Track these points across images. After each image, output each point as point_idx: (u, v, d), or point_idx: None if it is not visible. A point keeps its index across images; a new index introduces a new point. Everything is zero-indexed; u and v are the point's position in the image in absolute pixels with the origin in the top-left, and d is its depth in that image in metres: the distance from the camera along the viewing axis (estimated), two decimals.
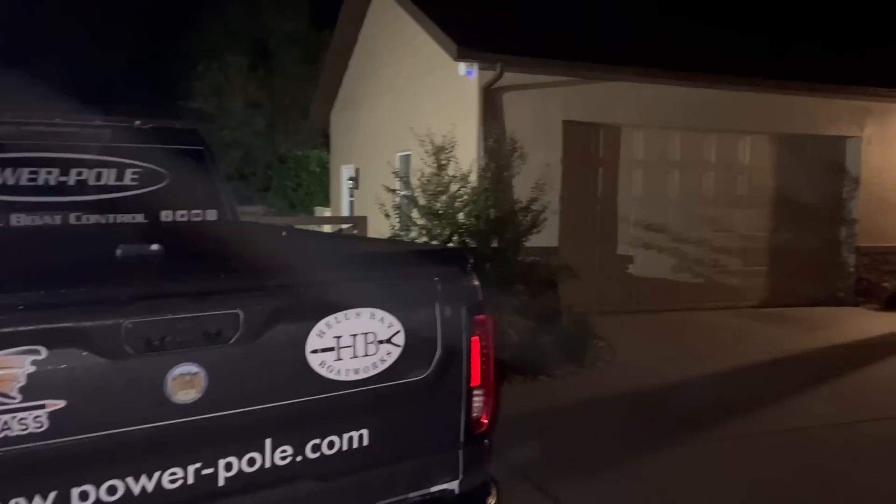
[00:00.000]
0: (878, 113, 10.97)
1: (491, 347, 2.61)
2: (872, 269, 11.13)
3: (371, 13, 12.87)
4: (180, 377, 2.03)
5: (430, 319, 2.41)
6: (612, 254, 10.18)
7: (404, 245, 3.75)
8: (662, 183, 10.32)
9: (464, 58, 8.67)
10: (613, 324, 8.44)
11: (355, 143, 13.90)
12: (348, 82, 14.44)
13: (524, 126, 8.91)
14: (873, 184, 11.04)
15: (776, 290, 10.84)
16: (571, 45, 9.56)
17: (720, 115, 10.13)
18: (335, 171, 15.53)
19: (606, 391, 6.40)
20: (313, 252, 2.93)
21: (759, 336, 8.79)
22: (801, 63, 10.91)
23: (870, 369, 7.31)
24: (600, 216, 10.11)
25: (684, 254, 10.43)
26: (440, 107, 9.86)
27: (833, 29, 13.63)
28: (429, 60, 10.03)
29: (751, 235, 10.78)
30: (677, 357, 7.66)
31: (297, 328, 2.19)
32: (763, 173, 10.80)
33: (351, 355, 2.28)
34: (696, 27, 12.05)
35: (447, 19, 9.31)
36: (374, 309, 2.30)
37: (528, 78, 9.05)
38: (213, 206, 4.31)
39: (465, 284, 2.53)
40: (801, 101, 10.48)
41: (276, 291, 2.17)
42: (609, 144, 10.06)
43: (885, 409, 5.93)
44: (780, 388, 6.51)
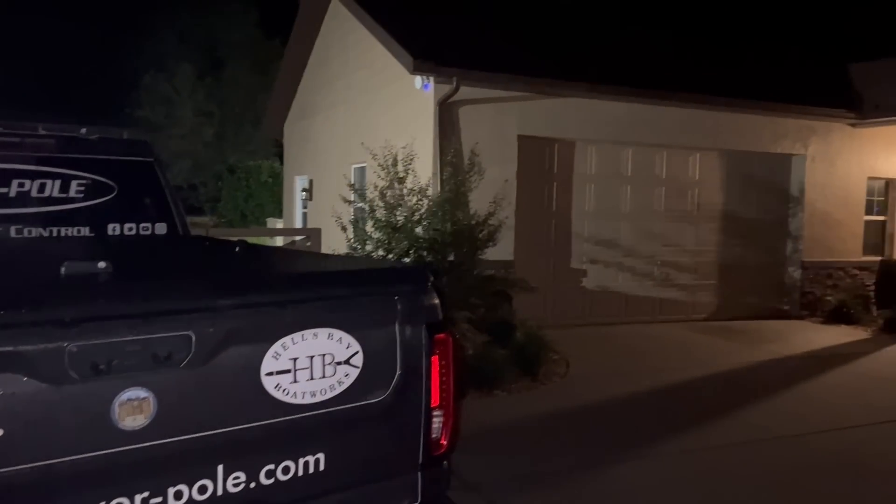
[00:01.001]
0: (821, 131, 11.35)
1: (451, 367, 2.56)
2: (816, 283, 11.48)
3: (327, 23, 12.79)
4: (128, 402, 1.94)
5: (389, 339, 2.36)
6: (566, 267, 10.27)
7: (363, 262, 3.69)
8: (615, 198, 10.47)
9: (420, 71, 8.66)
10: (567, 337, 8.50)
11: (309, 153, 13.76)
12: (303, 92, 14.31)
13: (480, 140, 8.94)
14: (817, 200, 11.40)
15: (725, 304, 11.09)
16: (527, 61, 9.65)
17: (671, 131, 10.35)
18: (288, 182, 15.34)
19: (561, 406, 6.41)
20: (269, 269, 2.86)
21: (708, 349, 8.95)
22: (748, 82, 11.24)
23: (814, 382, 7.50)
24: (555, 230, 10.19)
25: (636, 267, 10.58)
26: (396, 119, 9.84)
27: (779, 52, 14.10)
28: (385, 73, 10.00)
29: (700, 250, 11.01)
30: (630, 370, 7.74)
31: (252, 350, 2.12)
32: (712, 189, 11.06)
33: (308, 377, 2.21)
34: (649, 46, 12.32)
35: (404, 32, 9.30)
36: (333, 329, 2.24)
37: (484, 92, 9.09)
38: (163, 219, 4.19)
39: (426, 302, 2.49)
40: (748, 119, 10.79)
41: (230, 312, 2.09)
42: (563, 159, 10.17)
43: (830, 421, 6.08)
44: (729, 400, 6.62)
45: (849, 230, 11.70)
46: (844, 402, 6.68)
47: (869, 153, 11.72)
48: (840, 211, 11.59)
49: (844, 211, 11.64)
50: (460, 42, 9.93)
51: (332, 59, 12.54)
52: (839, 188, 11.57)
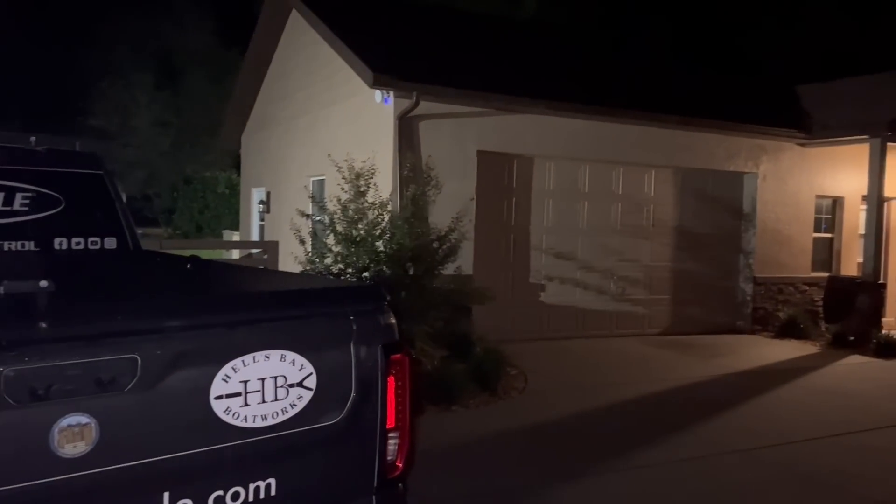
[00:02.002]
0: (772, 150, 11.65)
1: (407, 387, 2.53)
2: (768, 298, 11.74)
3: (286, 35, 12.70)
4: (68, 429, 1.86)
5: (344, 360, 2.32)
6: (524, 282, 10.31)
7: (318, 281, 3.63)
8: (572, 213, 10.58)
9: (380, 85, 8.64)
10: (526, 351, 8.53)
11: (267, 165, 13.60)
12: (261, 104, 14.16)
13: (440, 155, 8.95)
14: (768, 217, 11.69)
15: (679, 318, 11.26)
16: (487, 77, 9.71)
17: (627, 148, 10.51)
18: (245, 193, 15.13)
19: (519, 421, 6.41)
20: (220, 289, 2.79)
21: (663, 364, 9.06)
22: (703, 102, 11.51)
23: (766, 396, 7.65)
24: (514, 245, 10.24)
25: (593, 282, 10.69)
26: (356, 133, 9.79)
27: (732, 73, 14.49)
28: (345, 86, 9.95)
29: (655, 265, 11.18)
30: (586, 385, 7.79)
31: (201, 373, 2.06)
32: (667, 205, 11.25)
33: (259, 401, 2.16)
34: (607, 66, 12.55)
35: (364, 46, 9.28)
36: (285, 351, 2.19)
37: (444, 107, 9.11)
38: (113, 233, 4.08)
39: (382, 323, 2.46)
40: (702, 138, 11.02)
41: (178, 334, 2.03)
42: (522, 175, 10.24)
43: (781, 435, 6.19)
44: (683, 415, 6.70)
45: (798, 247, 12.01)
46: (794, 416, 6.82)
47: (817, 172, 12.07)
48: (790, 228, 11.90)
49: (794, 228, 11.95)
50: (421, 57, 9.96)
51: (291, 70, 12.45)
52: (789, 206, 11.88)
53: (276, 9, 12.33)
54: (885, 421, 6.72)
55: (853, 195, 12.29)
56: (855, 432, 6.36)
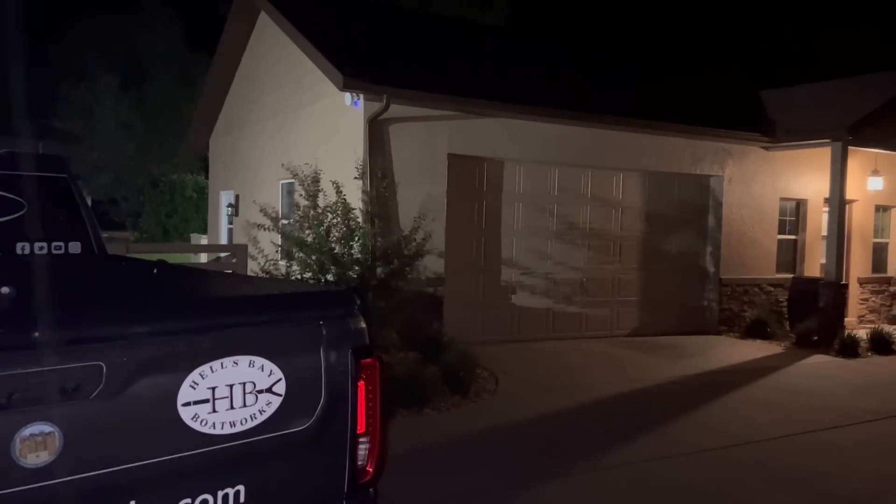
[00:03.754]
0: (737, 154, 11.86)
1: (378, 392, 2.53)
2: (734, 299, 11.94)
3: (255, 37, 12.59)
4: (31, 438, 1.83)
5: (314, 366, 2.31)
6: (495, 284, 10.35)
7: (288, 285, 3.60)
8: (542, 216, 10.64)
9: (350, 88, 8.61)
10: (497, 353, 8.56)
11: (236, 168, 13.47)
12: (229, 106, 14.02)
13: (411, 158, 8.95)
14: (733, 219, 11.89)
15: (647, 320, 11.39)
16: (458, 81, 9.74)
17: (596, 152, 10.61)
18: (213, 196, 14.96)
19: (490, 423, 6.43)
20: (187, 293, 2.75)
21: (632, 364, 9.16)
22: (669, 107, 11.66)
23: (733, 395, 7.77)
24: (484, 247, 10.27)
25: (563, 284, 10.76)
26: (325, 135, 9.74)
27: (698, 78, 14.72)
28: (314, 89, 9.90)
29: (624, 267, 11.30)
30: (556, 386, 7.84)
31: (168, 380, 2.03)
32: (635, 208, 11.38)
33: (227, 407, 2.13)
34: (575, 70, 12.66)
35: (334, 49, 9.24)
36: (254, 356, 2.18)
37: (414, 111, 9.11)
38: (77, 237, 4.01)
39: (353, 326, 2.45)
40: (669, 142, 11.17)
41: (144, 340, 2.00)
42: (493, 178, 10.28)
43: (748, 434, 6.30)
44: (652, 415, 6.78)
45: (763, 248, 12.23)
46: (760, 415, 6.94)
47: (781, 175, 12.31)
48: (755, 230, 12.12)
49: (759, 230, 12.17)
50: (391, 60, 9.95)
51: (260, 73, 12.35)
52: (754, 208, 12.09)
53: (244, 11, 12.22)
54: (848, 419, 6.87)
55: (816, 198, 12.55)
56: (818, 430, 6.49)
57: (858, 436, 6.44)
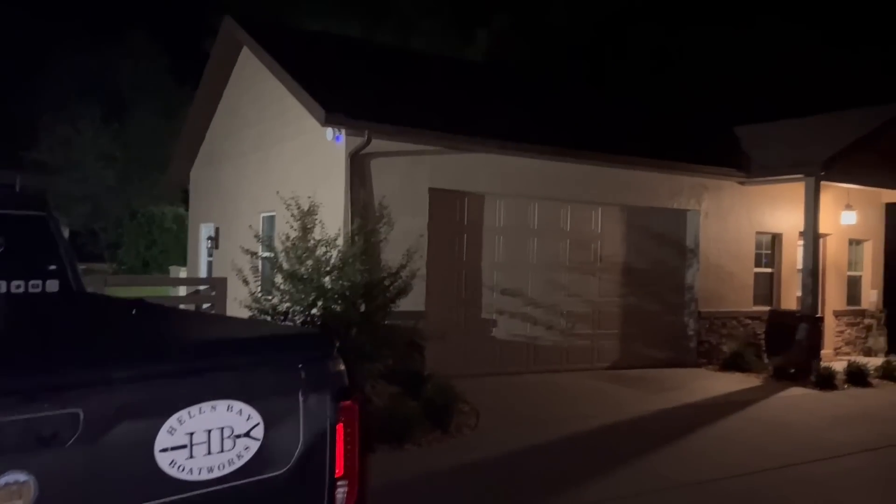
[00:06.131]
0: (713, 189, 12.05)
1: (357, 434, 2.53)
2: (712, 332, 12.04)
3: (237, 71, 12.68)
4: (5, 487, 1.81)
5: (292, 410, 2.31)
6: (476, 318, 10.37)
7: (267, 327, 3.60)
8: (523, 249, 10.72)
9: (331, 123, 8.69)
10: (478, 387, 8.54)
11: (216, 201, 13.45)
12: (211, 139, 14.05)
13: (392, 192, 9.01)
14: (710, 253, 12.04)
15: (627, 353, 11.44)
16: (438, 116, 9.86)
17: (575, 187, 10.75)
18: (193, 229, 14.90)
19: (471, 459, 6.40)
20: (167, 337, 2.75)
21: (612, 398, 9.18)
22: (647, 142, 11.87)
23: (712, 429, 7.80)
24: (465, 281, 10.31)
25: (543, 317, 10.80)
26: (307, 170, 9.79)
27: (674, 114, 15.01)
28: (296, 123, 9.97)
29: (603, 300, 11.37)
30: (538, 420, 7.83)
31: (146, 425, 2.03)
32: (614, 242, 11.49)
33: (205, 452, 2.13)
34: (555, 105, 12.87)
35: (315, 84, 9.34)
36: (232, 401, 2.18)
37: (395, 145, 9.20)
38: (56, 276, 3.98)
39: (332, 369, 2.45)
40: (646, 177, 11.34)
41: (123, 386, 2.00)
42: (473, 212, 10.36)
43: (728, 467, 6.32)
44: (633, 449, 6.79)
45: (740, 282, 12.38)
46: (739, 449, 6.97)
47: (757, 209, 12.51)
48: (732, 263, 12.27)
49: (736, 263, 12.33)
50: (373, 95, 10.06)
51: (242, 107, 12.41)
52: (731, 242, 12.26)
53: (227, 45, 12.33)
54: (826, 453, 6.92)
55: (791, 231, 12.76)
56: (798, 464, 6.53)
57: (837, 469, 6.48)
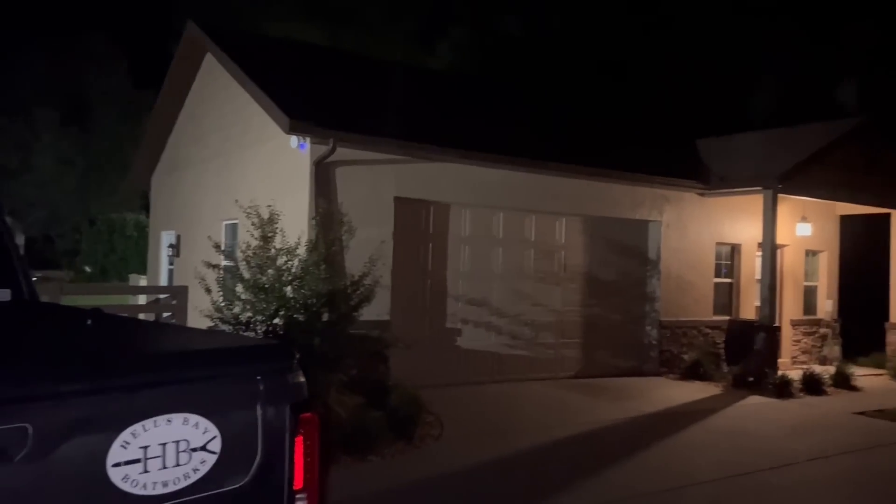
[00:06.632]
0: (674, 200, 12.26)
1: (317, 447, 2.50)
2: (673, 341, 12.21)
3: (201, 77, 12.53)
4: None
5: (250, 422, 2.28)
6: (441, 327, 10.36)
7: (225, 339, 3.55)
8: (488, 259, 10.76)
9: (296, 131, 8.63)
10: (443, 397, 8.52)
11: (178, 208, 13.25)
12: (173, 145, 13.85)
13: (357, 201, 8.97)
14: (672, 263, 12.23)
15: (590, 362, 11.54)
16: (403, 125, 9.86)
17: (539, 197, 10.83)
18: (154, 236, 14.65)
19: (435, 470, 6.38)
20: (122, 348, 2.68)
21: (575, 407, 9.24)
22: (609, 154, 12.02)
23: (673, 438, 7.89)
24: (430, 290, 10.30)
25: (508, 327, 10.84)
26: (270, 177, 9.70)
27: (636, 126, 15.23)
28: (260, 130, 9.88)
29: (567, 310, 11.46)
30: (502, 431, 7.84)
31: (98, 440, 1.98)
32: (577, 252, 11.61)
33: (159, 466, 2.08)
34: (519, 116, 12.97)
35: (280, 91, 9.27)
36: (188, 414, 2.14)
37: (360, 154, 9.17)
38: (7, 284, 3.87)
39: (291, 382, 2.43)
40: (609, 188, 11.49)
41: (74, 399, 1.95)
42: (439, 221, 10.37)
43: (688, 477, 6.40)
44: (595, 459, 6.84)
45: (700, 291, 12.59)
46: (699, 458, 7.07)
47: (716, 221, 12.75)
48: (692, 273, 12.48)
49: (696, 273, 12.53)
50: (338, 103, 10.03)
51: (205, 113, 12.26)
52: (691, 252, 12.47)
53: (190, 51, 12.18)
54: (783, 461, 7.05)
55: (750, 242, 13.02)
56: (755, 472, 6.63)
57: (793, 477, 6.61)
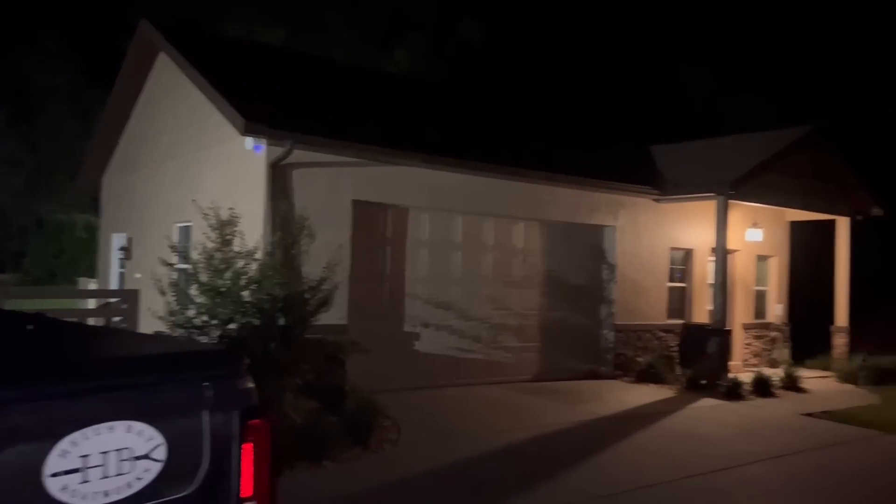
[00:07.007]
0: (629, 205, 12.43)
1: (267, 453, 2.46)
2: (628, 344, 12.38)
3: (154, 76, 12.28)
4: None
5: (196, 429, 2.22)
6: (399, 331, 10.32)
7: (172, 344, 3.46)
8: (446, 263, 10.76)
9: (251, 133, 8.50)
10: (401, 401, 8.48)
11: (130, 209, 12.95)
12: (125, 145, 13.54)
13: (314, 204, 8.88)
14: (626, 267, 12.40)
15: (547, 365, 11.63)
16: (362, 128, 9.81)
17: (498, 202, 10.88)
18: (105, 239, 14.29)
19: (390, 475, 6.34)
20: (59, 355, 2.59)
21: (532, 410, 9.29)
22: (566, 159, 12.15)
23: (627, 441, 7.99)
24: (389, 294, 10.25)
25: (466, 331, 10.86)
26: (225, 179, 9.55)
27: (593, 133, 15.42)
28: (215, 131, 9.72)
29: (525, 314, 11.53)
30: (458, 434, 7.84)
31: (35, 449, 1.91)
32: (535, 256, 11.69)
33: (100, 476, 2.02)
34: (477, 121, 13.01)
35: (236, 92, 9.14)
36: (132, 421, 2.08)
37: (318, 156, 9.08)
38: None
39: (239, 388, 2.38)
40: (566, 193, 11.60)
41: (10, 407, 1.88)
42: (397, 225, 10.33)
43: (640, 479, 6.48)
44: (551, 462, 6.88)
45: (655, 296, 12.79)
46: (652, 460, 7.16)
47: (671, 226, 12.98)
48: (647, 278, 12.67)
49: (651, 278, 12.73)
50: (295, 105, 9.92)
51: (159, 113, 12.02)
52: (646, 257, 12.67)
53: (143, 49, 11.93)
54: (733, 461, 7.19)
55: (703, 247, 13.28)
56: (706, 473, 6.76)
57: (743, 477, 6.75)
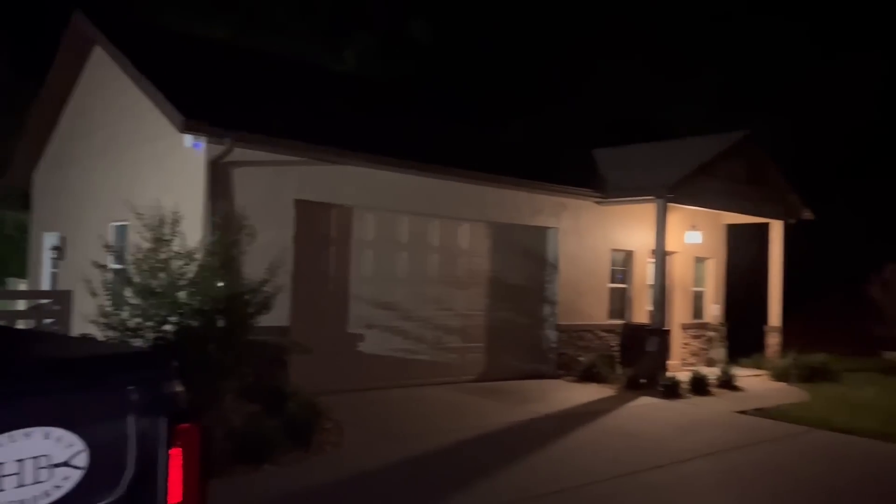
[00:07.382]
0: (571, 207, 12.61)
1: (196, 458, 2.39)
2: (570, 344, 12.55)
3: (89, 70, 11.88)
4: None
5: (121, 434, 2.14)
6: (343, 332, 10.23)
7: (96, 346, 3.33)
8: (391, 263, 10.72)
9: (190, 130, 8.31)
10: (344, 403, 8.41)
11: (62, 208, 12.50)
12: (58, 140, 13.06)
13: (255, 203, 8.73)
14: (568, 269, 12.57)
15: (492, 365, 11.70)
16: (305, 127, 9.70)
17: (443, 202, 10.90)
18: (36, 238, 13.76)
19: (331, 477, 6.28)
20: None
21: (476, 411, 9.32)
22: (510, 161, 12.25)
23: (568, 439, 8.09)
24: (332, 295, 10.15)
25: (411, 331, 10.84)
26: (163, 177, 9.30)
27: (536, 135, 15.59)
28: (152, 128, 9.46)
29: (470, 314, 11.57)
30: (402, 435, 7.81)
31: None
32: (480, 257, 11.75)
33: (15, 484, 1.92)
34: (422, 122, 13.02)
35: (174, 88, 8.91)
36: (50, 427, 1.99)
37: (260, 155, 8.93)
38: None
39: (166, 391, 2.31)
40: (510, 195, 11.69)
41: None
42: (341, 225, 10.24)
43: (582, 476, 6.56)
44: (494, 461, 6.91)
45: (596, 296, 13.00)
46: (593, 458, 7.27)
47: (612, 228, 13.21)
48: (589, 279, 12.87)
49: (592, 279, 12.94)
50: (236, 102, 9.74)
51: (94, 107, 11.63)
52: (587, 258, 12.87)
53: (77, 42, 11.53)
54: (670, 459, 7.35)
55: (643, 249, 13.57)
56: (645, 470, 6.89)
57: (680, 474, 6.90)
